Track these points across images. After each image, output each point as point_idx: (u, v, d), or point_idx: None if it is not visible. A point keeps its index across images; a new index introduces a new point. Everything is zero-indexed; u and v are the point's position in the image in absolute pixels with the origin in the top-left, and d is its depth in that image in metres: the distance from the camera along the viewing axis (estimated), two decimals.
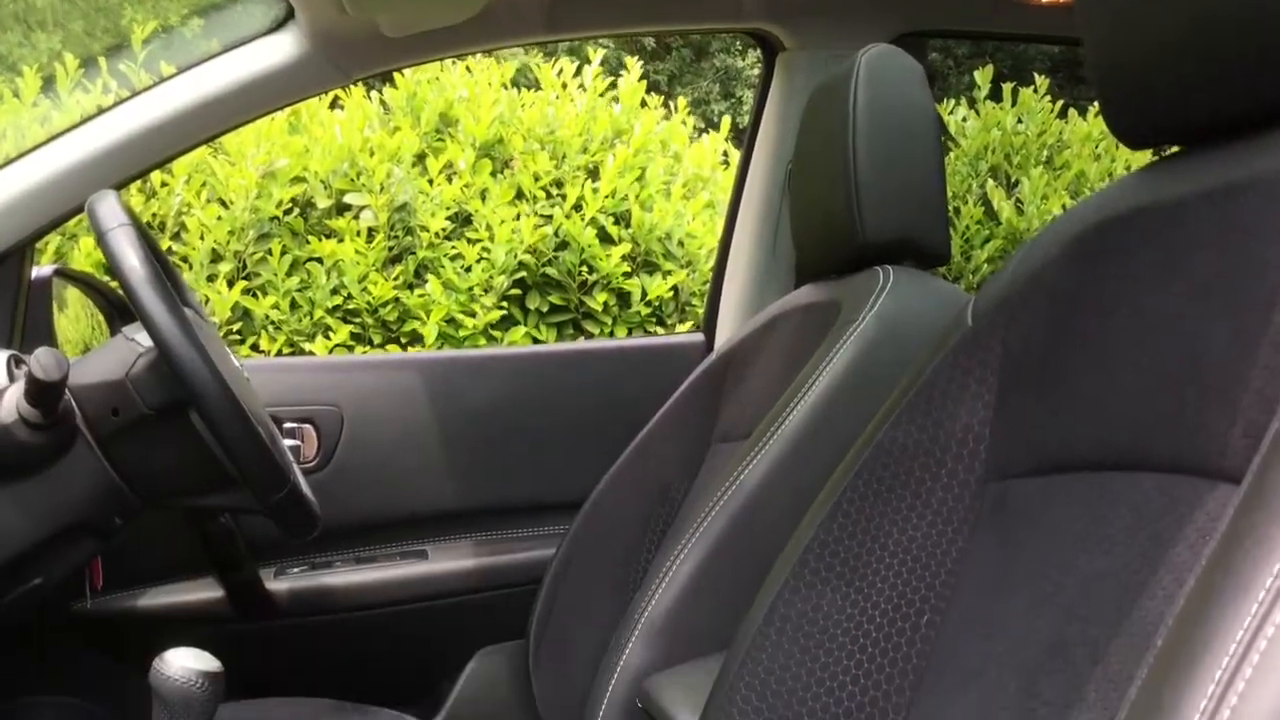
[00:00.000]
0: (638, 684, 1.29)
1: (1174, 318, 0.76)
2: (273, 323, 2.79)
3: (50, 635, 1.71)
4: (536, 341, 2.88)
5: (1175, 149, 0.84)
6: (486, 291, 2.83)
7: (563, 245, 2.91)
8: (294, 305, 2.79)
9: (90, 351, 1.38)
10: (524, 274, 2.87)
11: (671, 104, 3.38)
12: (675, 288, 2.98)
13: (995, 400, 0.91)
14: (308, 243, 2.84)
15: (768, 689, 0.89)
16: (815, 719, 0.87)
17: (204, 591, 1.76)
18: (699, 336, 2.07)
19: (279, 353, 2.78)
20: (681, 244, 3.03)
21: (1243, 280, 0.71)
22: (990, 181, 3.34)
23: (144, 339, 1.25)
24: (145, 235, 1.30)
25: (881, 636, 0.89)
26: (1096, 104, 1.06)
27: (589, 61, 3.13)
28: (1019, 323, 0.90)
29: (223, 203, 2.83)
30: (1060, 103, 3.53)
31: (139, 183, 2.74)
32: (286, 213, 2.84)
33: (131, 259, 1.20)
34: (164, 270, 1.33)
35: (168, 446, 1.28)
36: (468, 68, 3.13)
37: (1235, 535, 0.57)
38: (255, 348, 2.81)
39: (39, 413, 1.20)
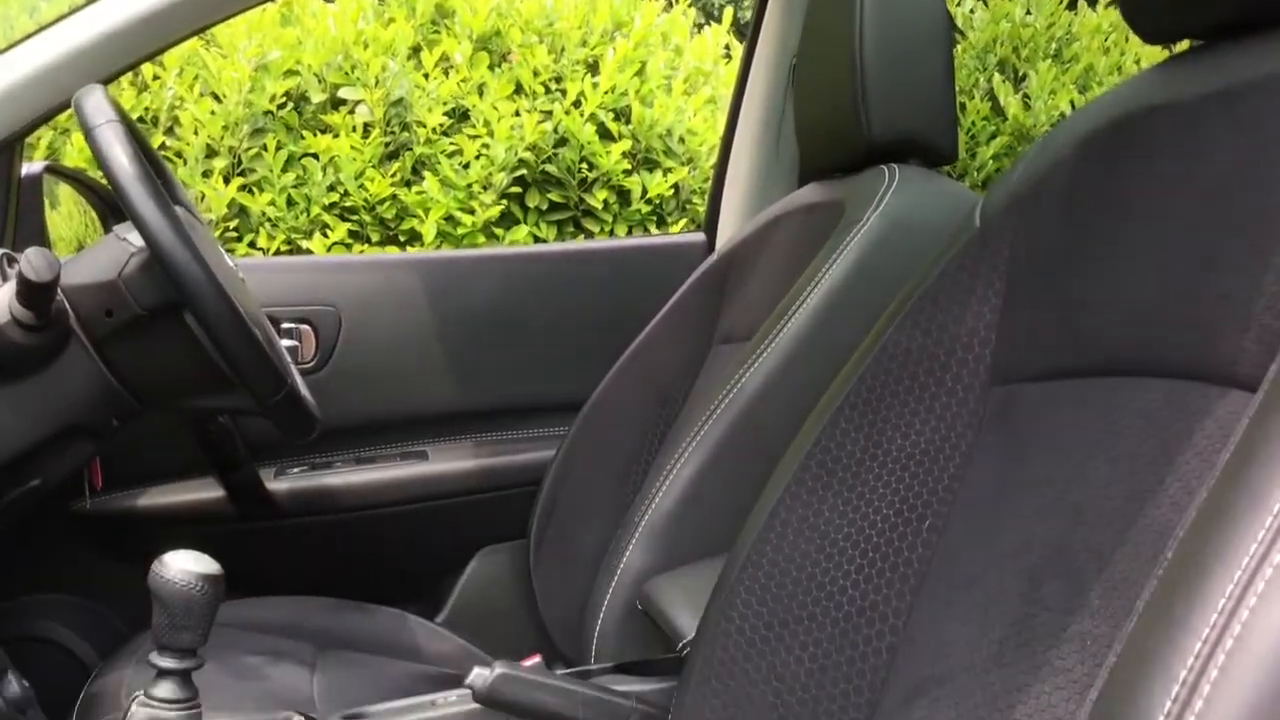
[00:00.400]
0: (638, 587, 1.30)
1: (1188, 221, 0.74)
2: (270, 220, 2.76)
3: (50, 536, 1.71)
4: (537, 240, 2.86)
5: (1190, 44, 0.81)
6: (485, 189, 2.80)
7: (562, 142, 2.87)
8: (290, 202, 2.76)
9: (83, 251, 1.36)
10: (523, 171, 2.83)
11: None
12: (676, 185, 2.95)
13: (1002, 304, 0.89)
14: (302, 138, 2.79)
15: (768, 593, 0.88)
16: (815, 622, 0.87)
17: (204, 492, 1.76)
18: (700, 236, 2.04)
19: (277, 251, 2.75)
20: (682, 140, 2.98)
21: (1258, 184, 0.69)
22: (997, 76, 3.28)
23: (136, 239, 1.23)
24: (134, 131, 1.28)
25: (883, 541, 0.88)
26: None
27: None
28: (1028, 224, 0.88)
29: (216, 97, 2.78)
30: None
31: (130, 76, 2.69)
32: (280, 107, 2.79)
33: (120, 156, 1.17)
34: (154, 168, 1.30)
35: (163, 348, 1.27)
36: None
37: (1249, 446, 0.55)
38: (253, 245, 2.79)
39: (31, 314, 1.19)
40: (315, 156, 2.76)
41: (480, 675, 1.03)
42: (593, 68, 2.98)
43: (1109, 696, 0.51)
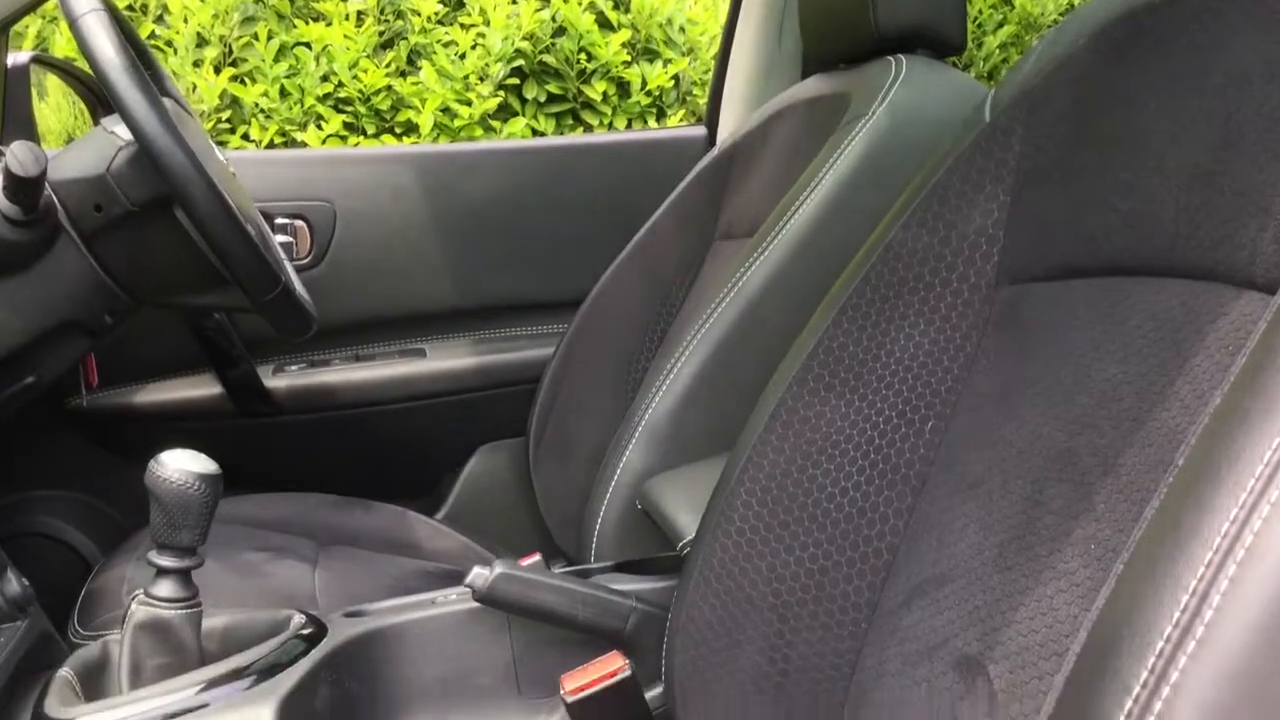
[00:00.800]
0: (638, 486, 1.29)
1: (1206, 114, 0.72)
2: (263, 111, 2.71)
3: (48, 432, 1.71)
4: (535, 133, 2.81)
5: None
6: (482, 80, 2.74)
7: (560, 31, 2.80)
8: (284, 93, 2.71)
9: (71, 144, 1.33)
10: (521, 62, 2.78)
11: None
12: (676, 77, 2.89)
13: (1011, 200, 0.87)
14: (295, 27, 2.73)
15: (769, 494, 0.88)
16: (816, 523, 0.87)
17: (202, 388, 1.75)
18: (701, 130, 2.00)
19: (270, 143, 2.71)
20: (683, 30, 2.92)
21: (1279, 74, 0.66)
22: None
23: (123, 132, 1.20)
24: (120, 20, 1.24)
25: (885, 443, 0.87)
26: None
27: None
28: (1040, 118, 0.86)
29: None
30: None
31: None
32: None
33: (105, 46, 1.14)
34: (141, 58, 1.26)
35: (154, 244, 1.25)
36: None
37: (1266, 350, 0.54)
38: (246, 137, 2.75)
39: (19, 209, 1.17)
40: (308, 46, 2.70)
41: (480, 574, 1.03)
42: None
43: (1116, 604, 0.50)
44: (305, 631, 1.04)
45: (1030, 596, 0.70)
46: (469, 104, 2.72)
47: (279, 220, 1.75)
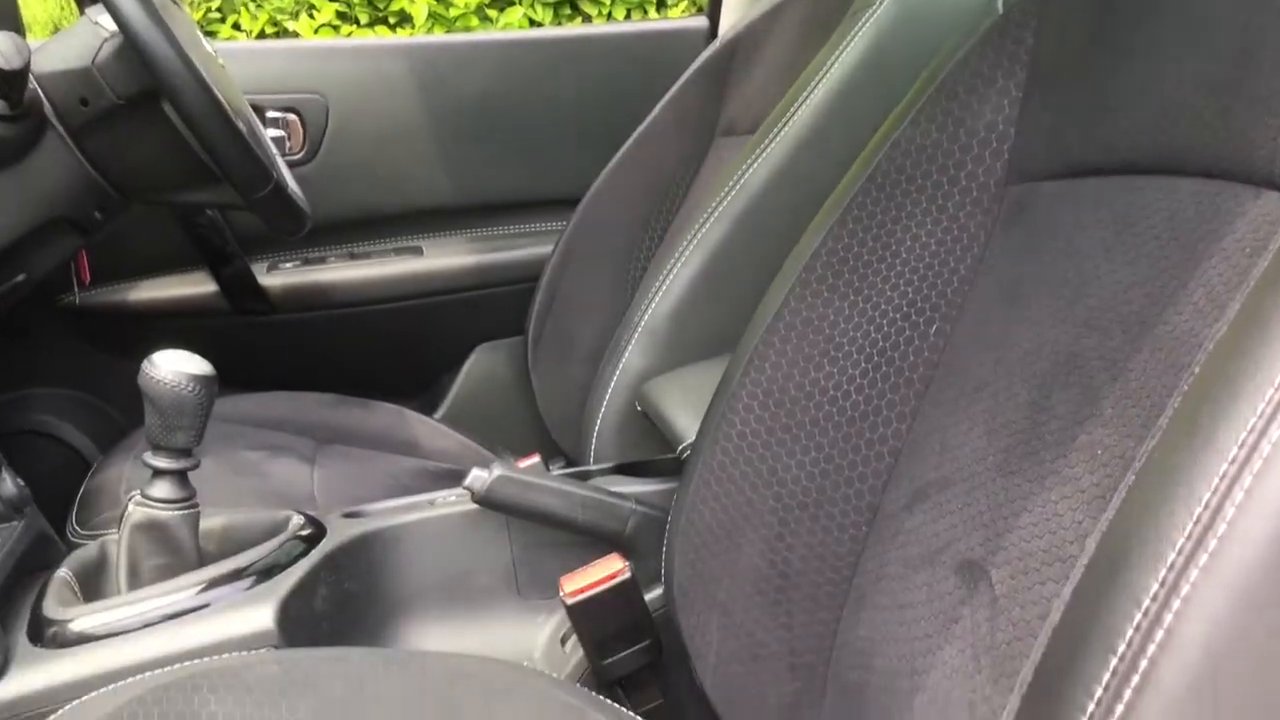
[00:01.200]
0: (637, 387, 1.28)
1: (1225, 13, 0.69)
2: None
3: (43, 330, 1.70)
4: (533, 23, 2.75)
5: None
6: None
7: None
8: None
9: (56, 35, 1.29)
10: None
11: None
12: None
13: (1023, 97, 0.85)
14: None
15: (770, 397, 0.87)
16: (818, 427, 0.86)
17: (196, 286, 1.73)
18: (702, 21, 1.95)
19: (260, 33, 2.65)
20: None
21: None
22: None
23: (109, 22, 1.17)
24: None
25: (888, 345, 0.86)
26: None
27: None
28: (1054, 10, 0.83)
29: None
30: None
31: None
32: None
33: None
34: None
35: (142, 139, 1.23)
36: None
37: None
38: (236, 27, 2.69)
39: (3, 103, 1.14)
40: None
41: (478, 477, 1.02)
42: None
43: (1126, 515, 0.49)
44: (304, 532, 1.04)
45: (1034, 502, 0.70)
46: None
47: (270, 114, 1.71)
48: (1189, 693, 0.44)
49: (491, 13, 2.73)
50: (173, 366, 0.97)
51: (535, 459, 1.12)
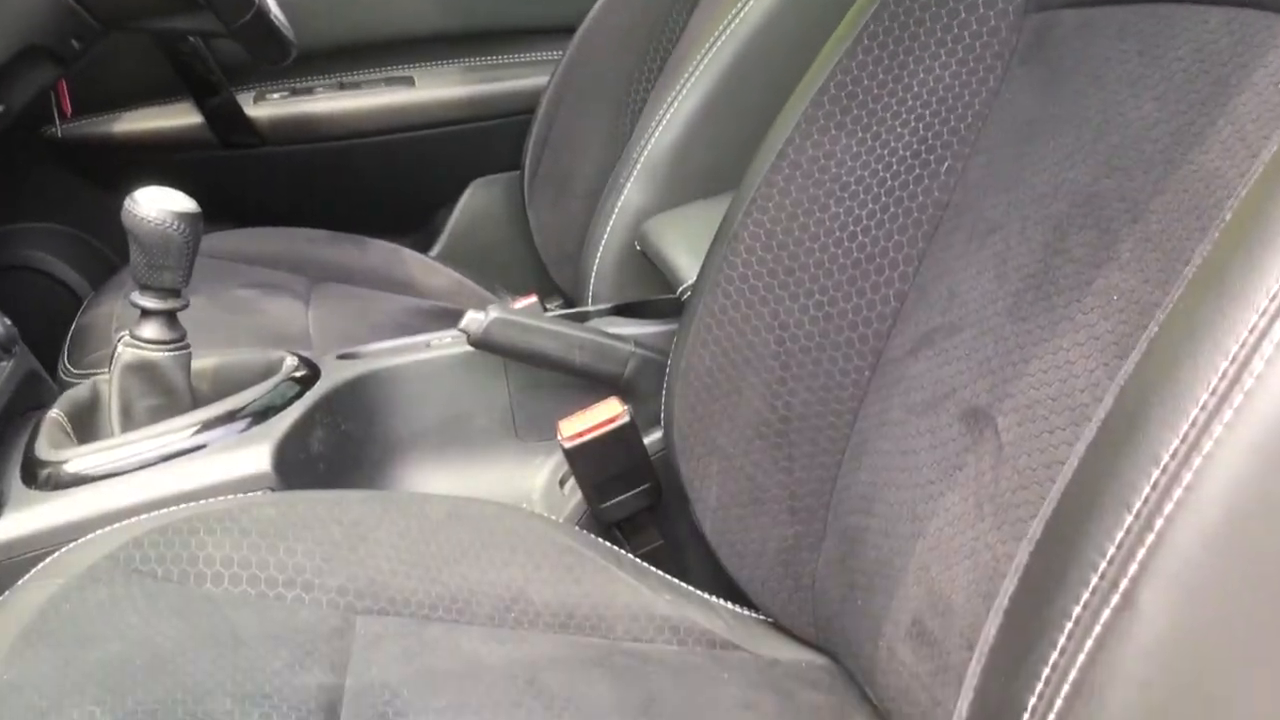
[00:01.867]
0: (636, 226, 1.25)
1: None
2: None
3: (27, 164, 1.66)
4: None
5: None
6: None
7: None
8: None
9: None
10: None
11: None
12: None
13: None
14: None
15: (773, 238, 0.84)
16: (823, 270, 0.83)
17: (181, 118, 1.68)
18: None
19: None
20: None
21: None
22: None
23: None
24: None
25: (897, 185, 0.83)
26: None
27: None
28: None
29: None
30: None
31: None
32: None
33: None
34: None
35: None
36: None
37: None
38: None
39: None
40: None
41: (474, 319, 1.00)
42: None
43: (1147, 368, 0.47)
44: (298, 374, 1.02)
45: (1045, 348, 0.68)
46: None
47: None
48: (1206, 553, 0.42)
49: None
50: (156, 204, 0.94)
51: (532, 299, 1.10)
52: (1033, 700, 0.45)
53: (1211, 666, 0.43)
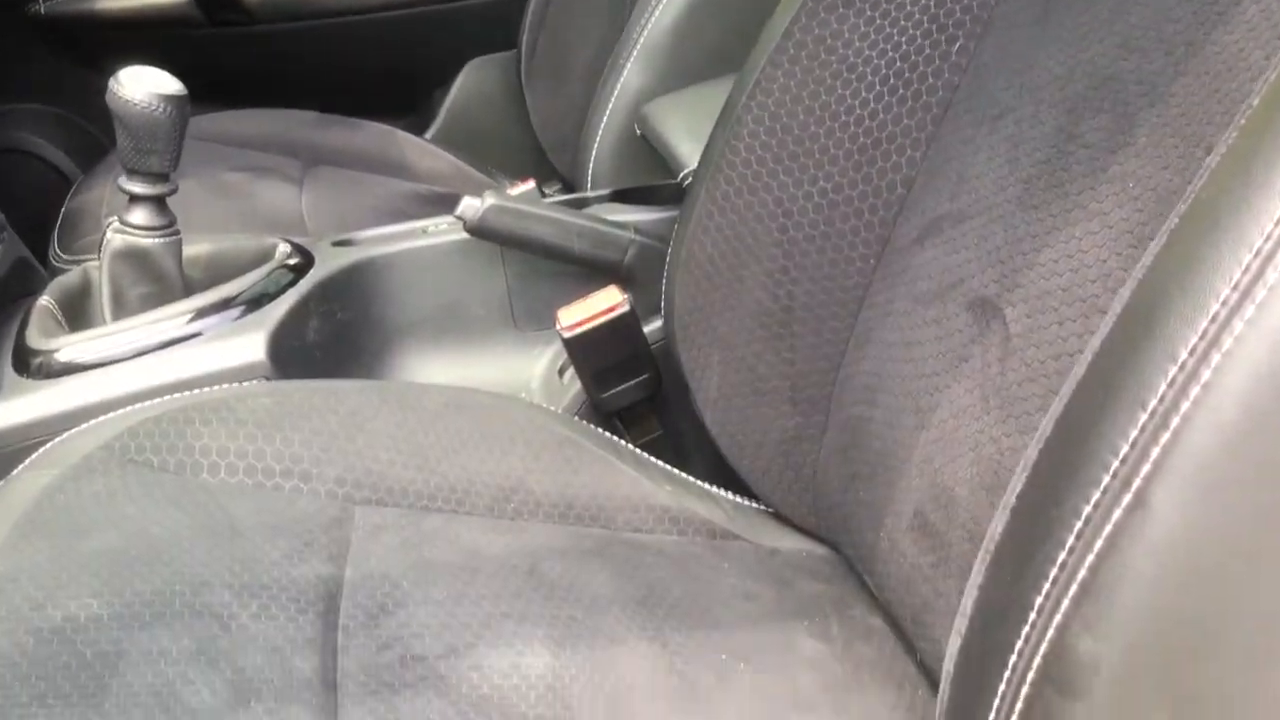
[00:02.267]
0: (636, 109, 1.22)
1: None
2: None
3: (12, 43, 1.62)
4: None
5: None
6: None
7: None
8: None
9: None
10: None
11: None
12: None
13: None
14: None
15: (777, 122, 0.81)
16: (827, 155, 0.81)
17: None
18: None
19: None
20: None
21: None
22: None
23: None
24: None
25: (906, 67, 0.80)
26: None
27: None
28: None
29: None
30: None
31: None
32: None
33: None
34: None
35: None
36: None
37: None
38: None
39: None
40: None
41: (470, 205, 0.98)
42: None
43: (1165, 261, 0.46)
44: (292, 261, 1.00)
45: (1057, 237, 0.66)
46: None
47: None
48: (1223, 452, 0.41)
49: None
50: (142, 86, 0.91)
51: (530, 184, 1.08)
52: (1039, 599, 0.45)
53: (1223, 566, 0.42)
